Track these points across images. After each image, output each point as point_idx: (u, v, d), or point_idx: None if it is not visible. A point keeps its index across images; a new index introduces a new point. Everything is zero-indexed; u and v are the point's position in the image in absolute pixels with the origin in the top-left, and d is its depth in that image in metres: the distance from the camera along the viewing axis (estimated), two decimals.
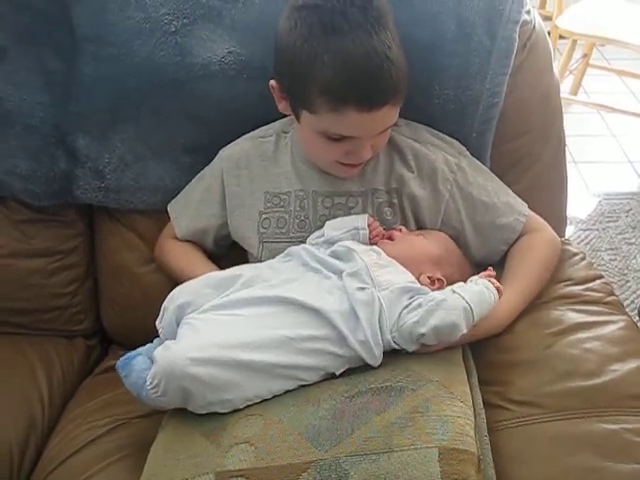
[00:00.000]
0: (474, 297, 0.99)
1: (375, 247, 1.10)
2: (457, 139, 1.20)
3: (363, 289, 1.01)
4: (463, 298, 0.98)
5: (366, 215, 1.13)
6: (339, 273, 1.05)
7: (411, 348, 1.01)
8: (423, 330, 0.97)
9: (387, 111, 1.03)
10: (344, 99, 1.00)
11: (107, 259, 1.36)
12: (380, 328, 0.99)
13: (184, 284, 1.10)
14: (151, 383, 0.97)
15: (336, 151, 1.09)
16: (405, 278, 1.04)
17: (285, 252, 1.12)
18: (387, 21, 1.02)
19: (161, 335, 1.08)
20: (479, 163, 1.20)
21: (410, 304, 1.00)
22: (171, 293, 1.09)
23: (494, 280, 1.05)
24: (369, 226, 1.12)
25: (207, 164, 1.24)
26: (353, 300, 1.00)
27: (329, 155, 1.11)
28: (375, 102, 1.01)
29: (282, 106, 1.12)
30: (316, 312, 1.00)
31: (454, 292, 0.99)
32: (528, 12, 1.23)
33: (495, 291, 1.02)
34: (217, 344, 0.97)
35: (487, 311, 1.01)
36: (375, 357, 1.00)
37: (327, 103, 1.01)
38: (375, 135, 1.07)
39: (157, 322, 1.09)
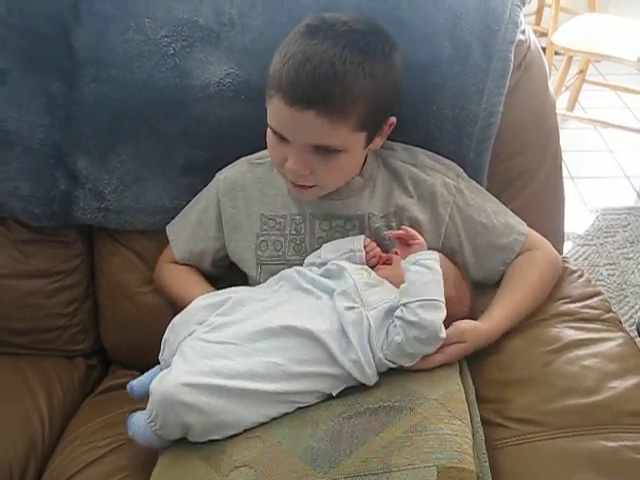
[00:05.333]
0: (415, 290, 0.99)
1: (366, 266, 1.11)
2: (455, 159, 1.20)
3: (352, 308, 1.02)
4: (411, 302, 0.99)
5: (362, 236, 1.14)
6: (330, 292, 1.05)
7: (407, 363, 1.01)
8: (409, 349, 0.99)
9: (313, 120, 1.00)
10: (274, 86, 1.02)
11: (107, 279, 1.36)
12: (371, 348, 1.00)
13: (182, 312, 1.10)
14: (149, 416, 0.98)
15: (278, 152, 1.08)
16: (394, 297, 1.04)
17: (277, 275, 1.13)
18: (371, 51, 1.02)
19: (163, 369, 1.08)
20: (477, 184, 1.21)
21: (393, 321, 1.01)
22: (171, 323, 1.10)
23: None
24: (365, 247, 1.12)
25: (205, 184, 1.25)
26: (343, 320, 1.01)
27: (274, 155, 1.10)
28: (296, 99, 1.00)
29: None
30: (308, 335, 1.00)
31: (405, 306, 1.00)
32: (523, 32, 1.24)
33: (424, 256, 1.02)
34: (208, 373, 0.97)
35: (438, 282, 1.01)
36: (368, 376, 1.00)
37: (267, 90, 1.04)
38: (304, 144, 1.04)
39: (159, 356, 1.10)
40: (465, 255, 1.18)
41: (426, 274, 1.01)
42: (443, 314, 1.00)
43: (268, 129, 1.08)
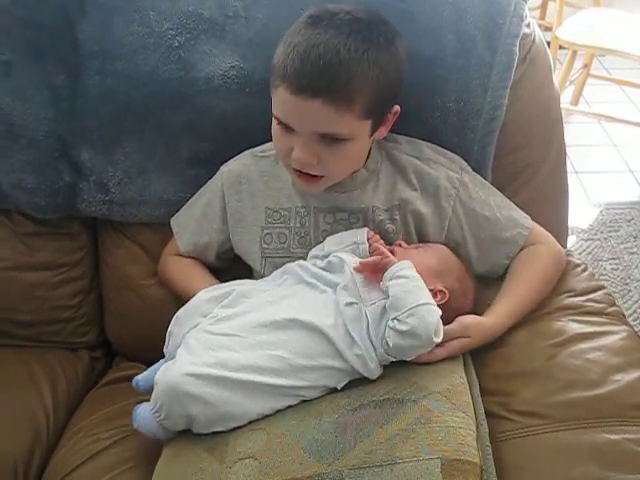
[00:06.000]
0: (401, 302, 0.99)
1: None
2: (459, 152, 1.20)
3: (351, 304, 1.02)
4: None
5: (365, 229, 1.14)
6: (334, 286, 1.06)
7: (407, 358, 1.01)
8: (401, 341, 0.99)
9: (319, 108, 1.00)
10: (279, 76, 1.02)
11: (111, 271, 1.37)
12: (371, 343, 1.00)
13: (186, 305, 1.11)
14: (154, 407, 0.99)
15: (283, 142, 1.08)
16: None
17: (281, 269, 1.13)
18: (375, 38, 1.02)
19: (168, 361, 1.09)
20: (481, 178, 1.21)
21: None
22: (175, 316, 1.10)
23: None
24: (369, 240, 1.12)
25: (210, 177, 1.25)
26: (343, 316, 1.01)
27: (279, 145, 1.10)
28: (302, 88, 0.99)
29: None
30: (313, 328, 1.00)
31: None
32: (528, 25, 1.24)
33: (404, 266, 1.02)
34: (213, 365, 0.98)
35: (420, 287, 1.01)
36: (371, 370, 1.00)
37: (271, 80, 1.04)
38: (310, 133, 1.04)
39: (164, 348, 1.10)
40: (468, 248, 1.18)
41: (405, 283, 1.00)
42: (435, 313, 0.99)
43: (273, 120, 1.08)
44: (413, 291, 1.00)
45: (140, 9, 1.22)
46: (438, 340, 0.99)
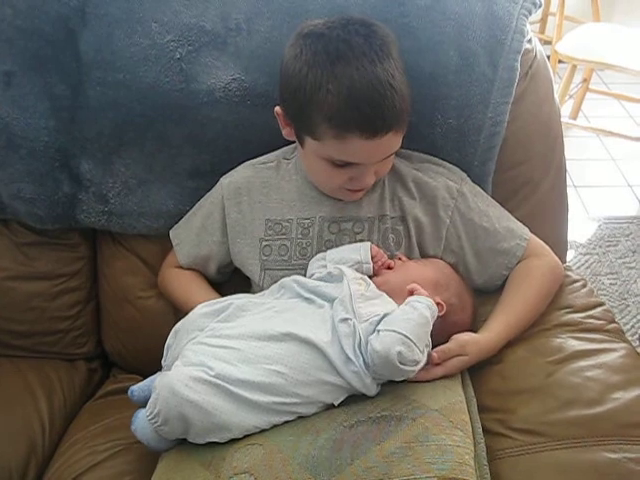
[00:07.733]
0: (393, 322, 0.98)
1: (366, 278, 1.10)
2: (459, 167, 1.21)
3: (345, 320, 1.01)
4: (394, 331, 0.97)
5: (368, 245, 1.13)
6: (331, 301, 1.05)
7: (388, 377, 1.00)
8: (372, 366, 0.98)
9: (391, 138, 1.04)
10: (347, 127, 1.01)
11: (110, 282, 1.36)
12: (364, 360, 0.99)
13: (184, 319, 1.10)
14: (151, 413, 0.98)
15: (340, 177, 1.10)
16: (388, 309, 1.03)
17: (278, 284, 1.13)
18: (390, 50, 1.04)
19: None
20: (480, 189, 1.21)
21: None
22: (173, 329, 1.10)
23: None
24: (374, 257, 1.12)
25: (210, 189, 1.25)
26: (338, 333, 1.00)
27: (333, 180, 1.11)
28: (378, 130, 1.02)
29: (286, 132, 1.13)
30: (309, 343, 1.00)
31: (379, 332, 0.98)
32: (529, 41, 1.25)
33: (424, 302, 1.01)
34: (210, 375, 0.97)
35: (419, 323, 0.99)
36: (368, 386, 1.00)
37: (331, 130, 1.03)
38: (379, 161, 1.08)
39: (162, 361, 1.10)
40: (467, 259, 1.18)
41: (409, 312, 1.00)
42: (408, 353, 0.96)
43: (321, 162, 1.08)
44: (410, 322, 0.98)
45: (142, 21, 1.21)
46: (411, 369, 0.98)
